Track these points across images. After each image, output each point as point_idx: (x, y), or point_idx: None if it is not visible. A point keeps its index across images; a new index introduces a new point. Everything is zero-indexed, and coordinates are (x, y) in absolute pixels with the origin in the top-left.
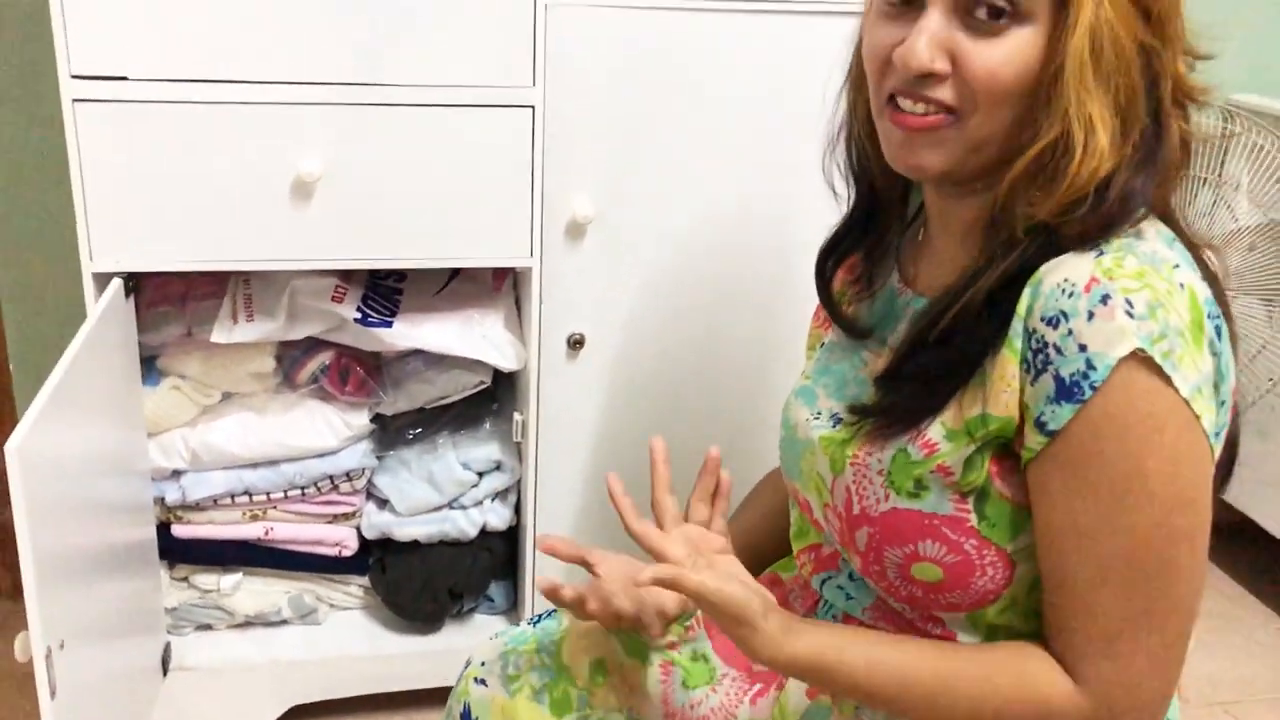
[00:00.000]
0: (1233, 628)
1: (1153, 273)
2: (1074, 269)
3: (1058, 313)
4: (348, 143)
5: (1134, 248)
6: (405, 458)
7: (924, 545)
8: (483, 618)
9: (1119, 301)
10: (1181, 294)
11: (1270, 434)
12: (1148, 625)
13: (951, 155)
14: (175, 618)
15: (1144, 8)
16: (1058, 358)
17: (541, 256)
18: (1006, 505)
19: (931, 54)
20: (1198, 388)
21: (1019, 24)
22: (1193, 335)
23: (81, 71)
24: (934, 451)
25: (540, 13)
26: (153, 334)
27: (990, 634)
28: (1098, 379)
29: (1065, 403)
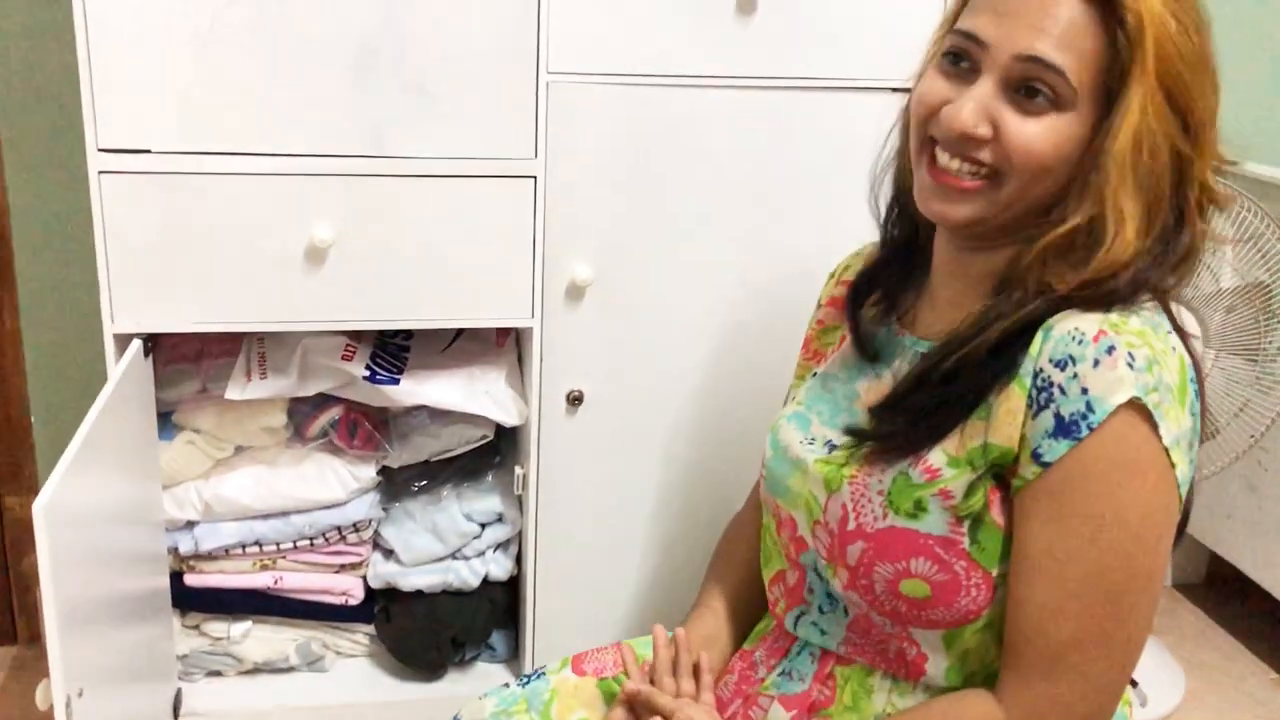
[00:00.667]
0: (1224, 679)
1: (1152, 334)
2: (1083, 320)
3: (1066, 356)
4: (358, 211)
5: (1137, 311)
6: (410, 509)
7: (915, 563)
8: (485, 666)
9: (1122, 353)
10: (1173, 356)
11: (1258, 488)
12: (1094, 651)
13: (979, 211)
14: (186, 665)
15: (1183, 118)
16: (1060, 397)
17: (542, 317)
18: (997, 532)
19: (976, 119)
20: (1177, 440)
21: (1060, 110)
22: (1178, 394)
23: (107, 145)
24: (936, 476)
25: (542, 89)
26: (169, 390)
27: (962, 657)
28: (1095, 420)
29: (1063, 439)
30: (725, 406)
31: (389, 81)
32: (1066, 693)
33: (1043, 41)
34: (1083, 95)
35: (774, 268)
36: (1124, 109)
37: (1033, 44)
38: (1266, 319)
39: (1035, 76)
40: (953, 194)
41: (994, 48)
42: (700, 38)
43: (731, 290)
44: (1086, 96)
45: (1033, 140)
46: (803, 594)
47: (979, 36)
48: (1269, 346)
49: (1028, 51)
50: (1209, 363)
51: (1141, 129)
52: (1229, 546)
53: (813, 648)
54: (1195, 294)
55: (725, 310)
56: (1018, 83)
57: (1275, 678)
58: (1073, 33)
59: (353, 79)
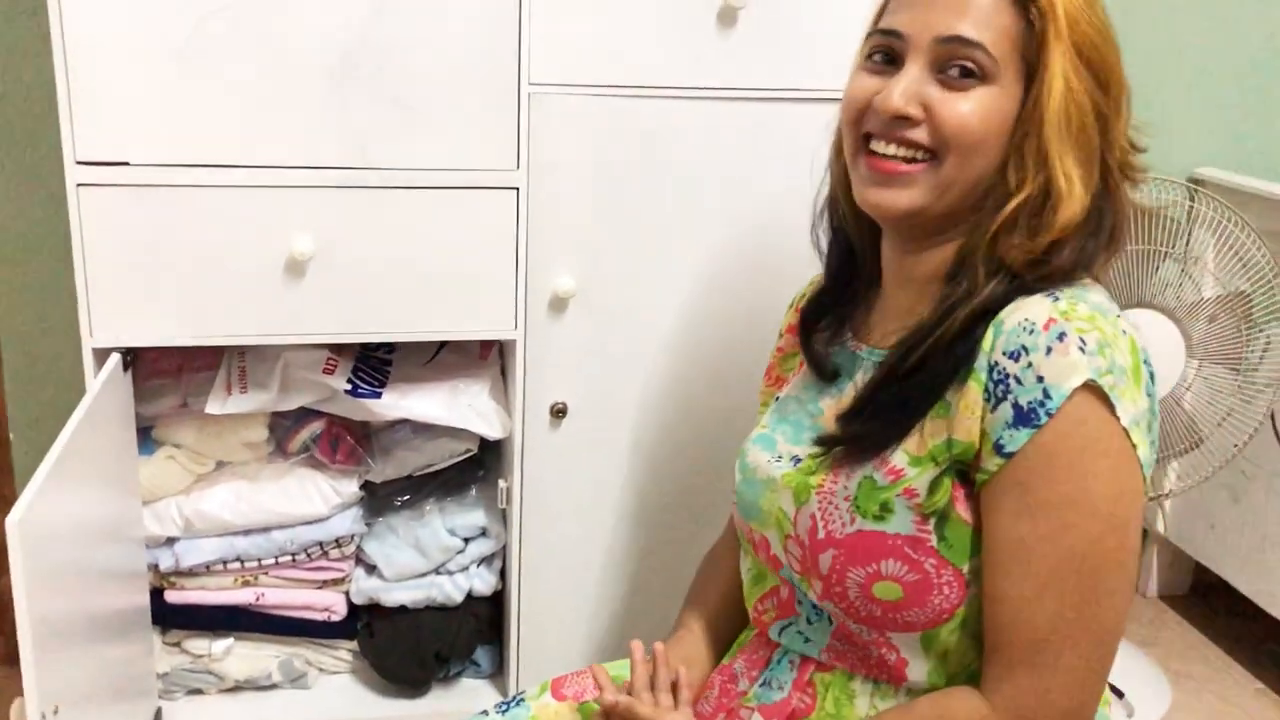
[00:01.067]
0: (1210, 689)
1: (1101, 318)
2: (1033, 310)
3: (1019, 347)
4: (339, 223)
5: (1085, 297)
6: (393, 524)
7: (886, 564)
8: (469, 682)
9: (1073, 339)
10: (1124, 339)
11: (1242, 498)
12: (1071, 639)
13: (920, 197)
14: (167, 683)
15: (1100, 79)
16: (1017, 387)
17: (525, 329)
18: (964, 528)
19: (906, 99)
20: (1135, 421)
21: (985, 83)
22: (1133, 374)
23: (86, 158)
24: (900, 476)
25: (524, 100)
26: (149, 405)
27: (942, 658)
28: (1053, 406)
29: (1023, 427)
30: (709, 417)
31: (370, 93)
32: (1049, 682)
33: (961, 22)
34: (1005, 68)
35: (757, 280)
36: (1048, 75)
37: (952, 25)
38: (1248, 328)
39: (958, 54)
40: (893, 180)
41: (914, 36)
42: (681, 50)
43: (714, 301)
44: (1009, 70)
45: (964, 115)
46: (794, 606)
47: (899, 30)
48: (1251, 355)
49: (947, 32)
50: (1191, 373)
51: (1068, 91)
52: (1213, 557)
53: (792, 655)
54: (1177, 304)
55: (708, 322)
56: (942, 63)
57: (1260, 688)
58: (988, 11)
59: (333, 91)
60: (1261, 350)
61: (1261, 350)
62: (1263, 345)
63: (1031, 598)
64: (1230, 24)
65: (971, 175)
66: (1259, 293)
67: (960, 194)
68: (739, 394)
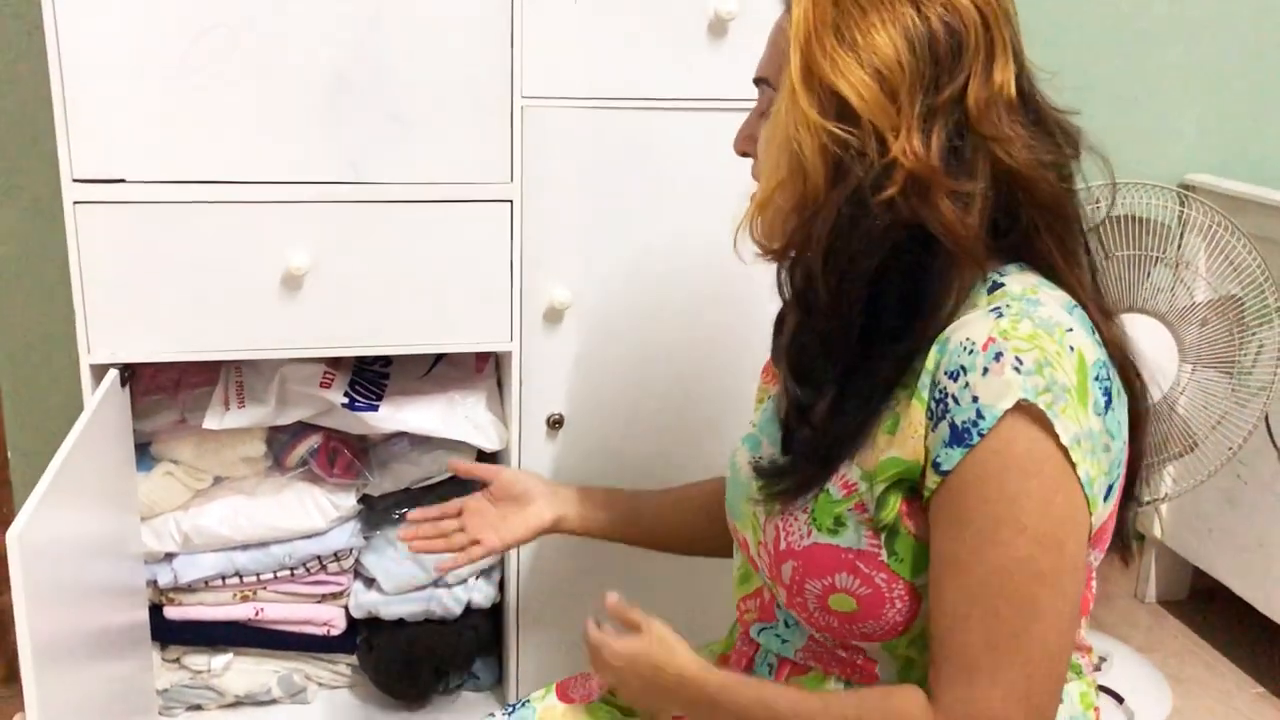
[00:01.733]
0: (1208, 693)
1: (1045, 336)
2: (975, 329)
3: (958, 367)
4: (335, 237)
5: (1031, 313)
6: (391, 537)
7: (840, 577)
8: (469, 694)
9: (1009, 359)
10: (1070, 356)
11: (1238, 502)
12: (1007, 659)
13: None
14: (167, 699)
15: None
16: (955, 407)
17: (521, 341)
18: (913, 542)
19: (740, 138)
20: (1077, 440)
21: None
22: (1077, 394)
23: (82, 175)
24: (853, 491)
25: (517, 112)
26: (147, 421)
27: (906, 665)
28: (985, 426)
29: (957, 447)
30: (705, 427)
31: (364, 108)
32: (989, 696)
33: (763, 62)
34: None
35: (751, 289)
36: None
37: (759, 67)
38: (1240, 332)
39: (764, 94)
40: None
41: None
42: (672, 61)
43: (709, 311)
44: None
45: (762, 143)
46: (774, 611)
47: None
48: (1244, 359)
49: (755, 75)
50: (1185, 377)
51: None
52: (1211, 561)
53: (771, 657)
54: (1170, 309)
55: (703, 332)
56: (762, 103)
57: (1260, 691)
58: (778, 47)
59: (328, 106)
60: (1254, 354)
61: (1254, 354)
62: (1255, 349)
63: (964, 614)
64: (1221, 31)
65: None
66: (1251, 297)
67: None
68: (734, 404)
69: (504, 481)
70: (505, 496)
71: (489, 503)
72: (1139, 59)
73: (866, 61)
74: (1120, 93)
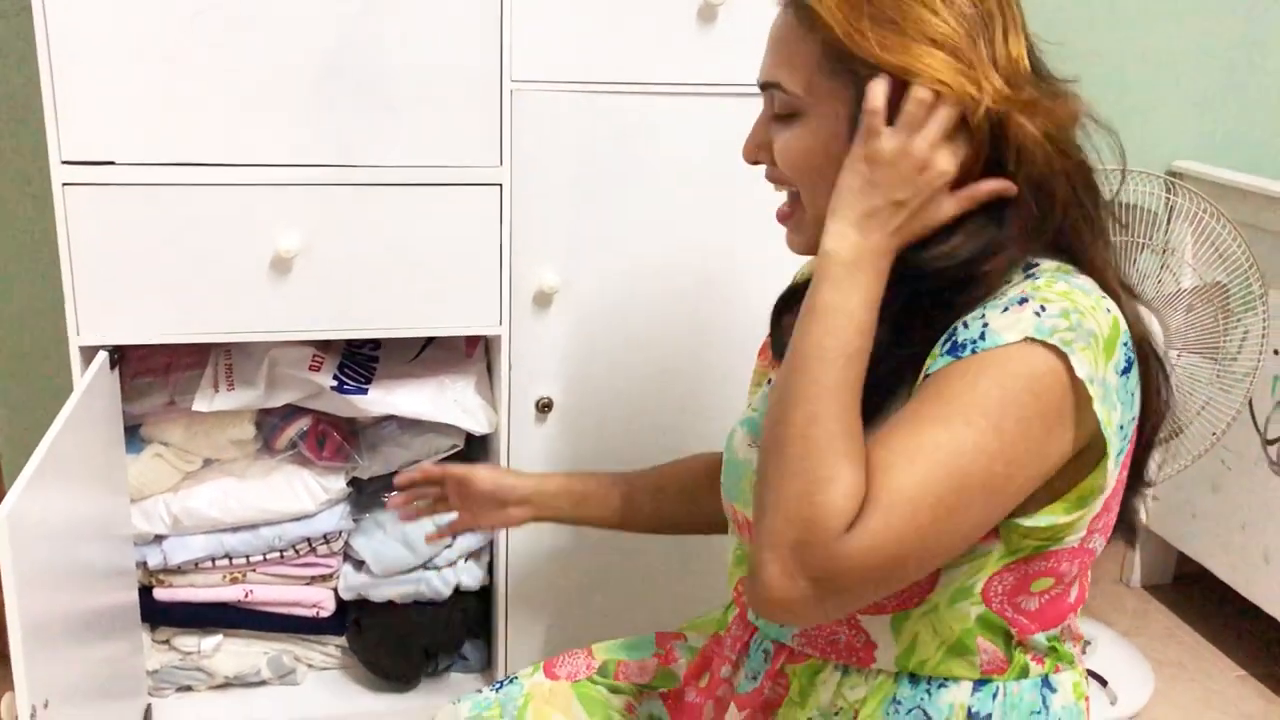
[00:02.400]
0: (1192, 676)
1: (1081, 294)
2: (1013, 290)
3: (980, 311)
4: (324, 220)
5: (1067, 279)
6: (381, 520)
7: None
8: (458, 676)
9: (1033, 305)
10: (1106, 315)
11: (1222, 487)
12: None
13: (805, 235)
14: (157, 680)
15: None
16: (962, 330)
17: (510, 324)
18: None
19: (748, 151)
20: (1091, 380)
21: (803, 115)
22: (1104, 345)
23: (71, 157)
24: None
25: (507, 96)
26: (136, 403)
27: (911, 641)
28: (983, 346)
29: (947, 356)
30: (694, 411)
31: (354, 91)
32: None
33: (770, 66)
34: (816, 96)
35: (739, 274)
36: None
37: (764, 72)
38: (1225, 318)
39: (774, 98)
40: (785, 224)
41: (761, 82)
42: (662, 45)
43: (698, 295)
44: (823, 95)
45: (783, 150)
46: None
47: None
48: (1228, 345)
49: (761, 80)
50: (1170, 363)
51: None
52: (1195, 546)
53: (766, 644)
54: (1156, 295)
55: (692, 315)
56: (770, 108)
57: (1242, 674)
58: (788, 48)
59: (318, 89)
60: (1239, 340)
61: (1239, 340)
62: (1240, 335)
63: (899, 456)
64: (1208, 18)
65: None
66: (1236, 284)
67: None
68: (724, 387)
69: (476, 491)
70: (483, 496)
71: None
72: (1126, 44)
73: (919, 34)
74: (1108, 79)
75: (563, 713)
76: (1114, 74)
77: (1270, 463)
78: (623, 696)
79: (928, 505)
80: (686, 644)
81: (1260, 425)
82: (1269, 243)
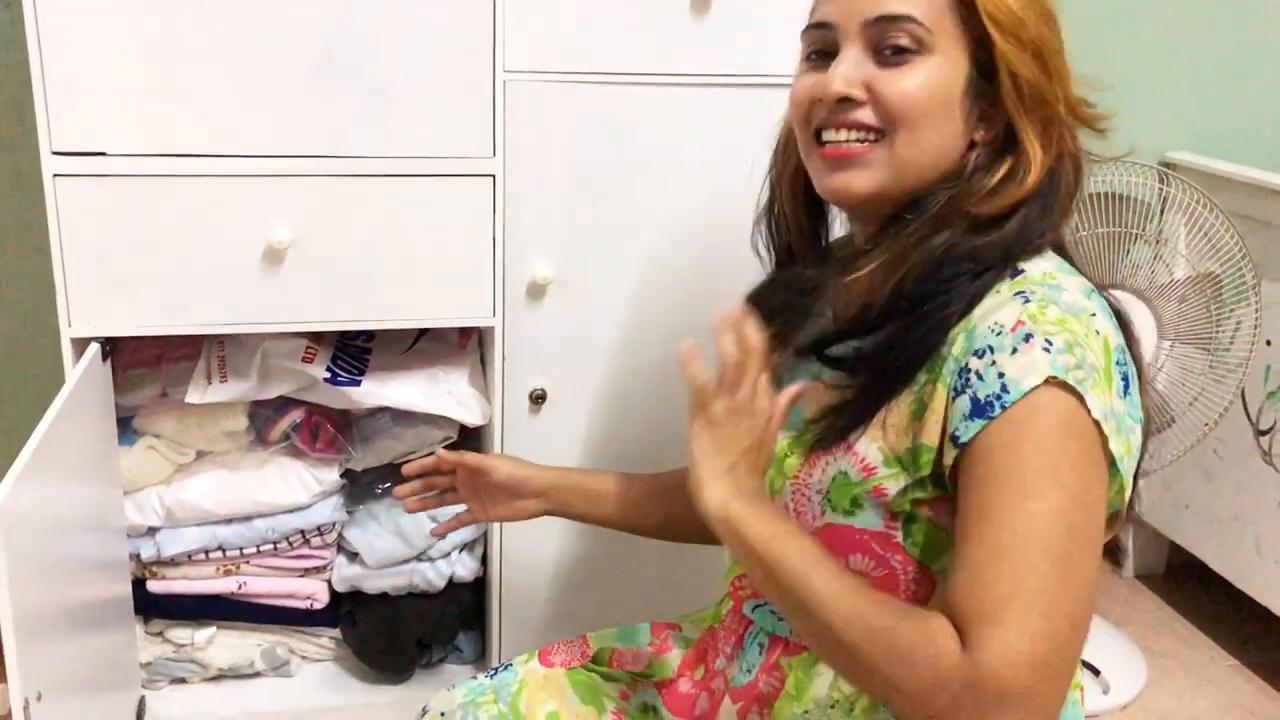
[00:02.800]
0: (1183, 665)
1: (1073, 320)
2: (1003, 314)
3: (985, 346)
4: (317, 211)
5: (1057, 299)
6: (375, 511)
7: (854, 559)
8: (452, 667)
9: (1039, 340)
10: (1097, 339)
11: (1214, 476)
12: (1037, 610)
13: (878, 178)
14: (150, 672)
15: (1036, 45)
16: (978, 382)
17: (504, 316)
18: (929, 527)
19: (847, 82)
20: (1105, 415)
21: (924, 55)
22: (1104, 375)
23: (62, 148)
24: (872, 474)
25: (499, 88)
26: (129, 395)
27: None
28: (1009, 400)
29: (977, 419)
30: (687, 403)
31: (346, 82)
32: (1017, 641)
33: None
34: (941, 36)
35: (732, 264)
36: (993, 47)
37: (877, 6)
38: (1218, 309)
39: (889, 32)
40: (847, 163)
41: (843, 24)
42: (655, 36)
43: (692, 285)
44: (946, 37)
45: (907, 90)
46: None
47: (827, 21)
48: (1221, 336)
49: (874, 13)
50: (1163, 354)
51: (1018, 61)
52: (1188, 536)
53: (761, 637)
54: (1149, 286)
55: (686, 306)
56: (877, 44)
57: (1234, 664)
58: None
59: (310, 79)
60: (1232, 331)
61: (1232, 331)
62: (1233, 326)
63: (995, 558)
64: (1201, 8)
65: (927, 150)
66: (1229, 274)
67: (918, 173)
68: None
69: (494, 481)
70: (495, 488)
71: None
72: (1120, 37)
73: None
74: (1102, 69)
75: (556, 699)
76: (1107, 65)
77: (1262, 453)
78: (616, 684)
79: (1044, 593)
80: (681, 634)
81: (1252, 416)
82: (1262, 234)
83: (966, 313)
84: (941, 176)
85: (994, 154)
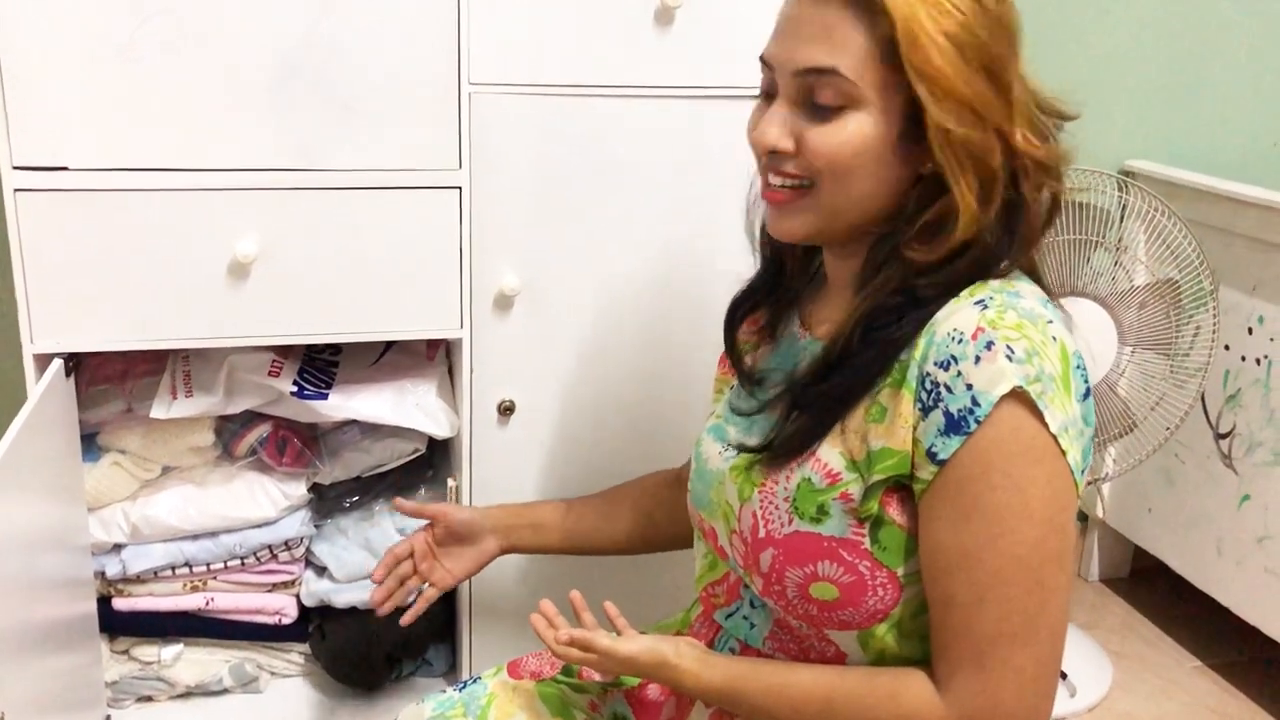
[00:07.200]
0: (1148, 668)
1: (1030, 325)
2: (962, 320)
3: (948, 357)
4: (282, 225)
5: (1014, 304)
6: (343, 525)
7: (822, 566)
8: (422, 681)
9: (1001, 348)
10: (1054, 345)
11: (1176, 480)
12: (1020, 641)
13: (811, 222)
14: (116, 691)
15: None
16: (948, 395)
17: (471, 328)
18: (898, 532)
19: (776, 135)
20: (1064, 427)
21: (853, 109)
22: (1062, 382)
23: (23, 163)
24: (837, 480)
25: (464, 100)
26: (93, 411)
27: (878, 654)
28: (982, 414)
29: (954, 435)
30: (655, 414)
31: (311, 95)
32: (999, 683)
33: (815, 51)
34: (870, 90)
35: (699, 275)
36: (918, 95)
37: (808, 55)
38: (1177, 314)
39: (817, 87)
40: (782, 209)
41: (780, 68)
42: (619, 49)
43: (658, 297)
44: (876, 91)
45: (831, 146)
46: (739, 592)
47: (768, 60)
48: (1181, 341)
49: (803, 65)
50: (1124, 359)
51: (942, 117)
52: (1151, 540)
53: (732, 643)
54: (1110, 292)
55: (653, 317)
56: (805, 95)
57: (1198, 665)
58: (840, 34)
59: (275, 93)
60: (1191, 336)
61: (1191, 336)
62: (1192, 331)
63: (976, 602)
64: (1158, 19)
65: (855, 198)
66: (1187, 280)
67: (853, 216)
68: (685, 389)
69: (450, 525)
70: (450, 538)
71: (435, 541)
72: (1078, 44)
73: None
74: (1060, 79)
75: (526, 711)
76: (1066, 74)
77: (1222, 456)
78: (586, 695)
79: (1025, 623)
80: None
81: (1212, 420)
82: (1219, 240)
83: (923, 324)
84: (882, 212)
85: (931, 195)
